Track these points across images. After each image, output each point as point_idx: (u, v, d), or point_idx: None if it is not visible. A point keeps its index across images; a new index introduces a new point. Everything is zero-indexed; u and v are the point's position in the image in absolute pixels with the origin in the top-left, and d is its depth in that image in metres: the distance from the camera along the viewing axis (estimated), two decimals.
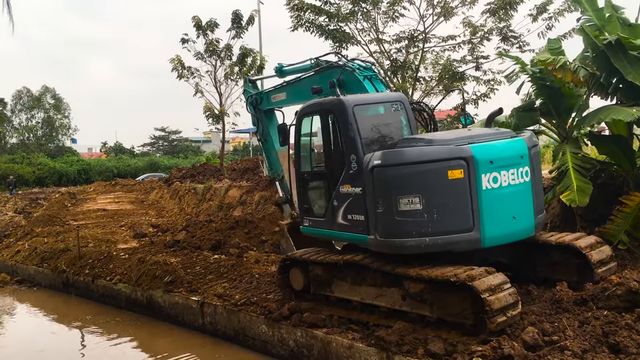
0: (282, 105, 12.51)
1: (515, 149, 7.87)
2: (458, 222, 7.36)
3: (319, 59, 11.19)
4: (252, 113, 13.28)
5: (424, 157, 7.38)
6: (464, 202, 7.33)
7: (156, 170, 58.90)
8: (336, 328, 8.27)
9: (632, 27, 10.50)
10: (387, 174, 7.52)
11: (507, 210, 7.65)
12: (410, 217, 7.36)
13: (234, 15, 26.14)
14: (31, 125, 71.33)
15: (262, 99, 12.88)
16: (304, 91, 11.06)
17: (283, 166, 13.01)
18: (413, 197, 7.33)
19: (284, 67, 13.02)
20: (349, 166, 8.18)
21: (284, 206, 13.00)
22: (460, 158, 7.33)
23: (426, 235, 7.33)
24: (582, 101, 11.17)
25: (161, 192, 28.77)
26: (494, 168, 7.47)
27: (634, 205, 9.57)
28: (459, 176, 7.30)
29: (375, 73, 10.00)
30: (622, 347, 6.19)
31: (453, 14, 19.18)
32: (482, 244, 7.45)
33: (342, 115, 8.31)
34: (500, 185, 7.54)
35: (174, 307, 11.58)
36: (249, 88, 13.58)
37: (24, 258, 17.84)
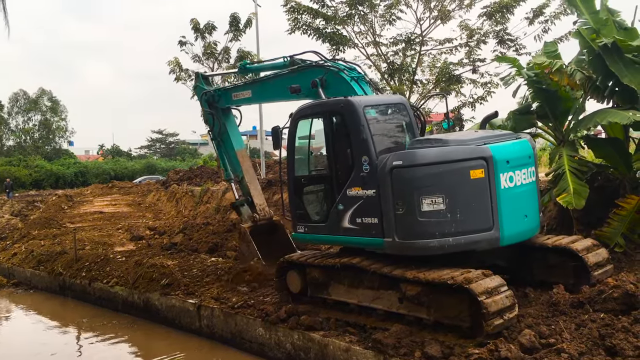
0: (245, 103, 12.08)
1: (524, 149, 8.08)
2: (479, 221, 7.42)
3: (293, 57, 10.76)
4: (207, 110, 12.67)
5: (447, 157, 7.41)
6: (484, 202, 7.40)
7: (153, 172, 58.83)
8: (333, 331, 8.25)
9: (628, 30, 10.53)
10: (409, 174, 7.46)
11: (521, 209, 7.81)
12: (433, 217, 7.35)
13: (232, 18, 26.20)
14: (28, 127, 71.14)
15: (220, 96, 12.34)
16: (276, 90, 10.78)
17: (243, 166, 12.59)
18: (436, 197, 7.33)
19: (248, 65, 12.59)
20: (359, 168, 8.02)
21: (242, 208, 12.67)
22: (481, 158, 7.40)
23: (449, 235, 7.35)
24: (579, 104, 11.20)
25: (158, 194, 28.74)
26: (510, 168, 7.61)
27: (630, 208, 9.59)
28: (480, 176, 7.38)
29: (362, 74, 9.76)
30: (618, 349, 6.20)
31: (450, 17, 19.21)
32: (501, 243, 7.54)
33: (352, 116, 8.15)
34: (515, 184, 7.69)
35: (170, 310, 11.56)
36: (201, 84, 12.93)
37: (20, 261, 17.79)
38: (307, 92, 9.82)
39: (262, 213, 12.55)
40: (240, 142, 12.95)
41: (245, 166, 12.66)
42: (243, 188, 12.71)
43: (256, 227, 12.32)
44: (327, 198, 8.78)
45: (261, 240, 12.09)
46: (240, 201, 12.76)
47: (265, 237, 12.30)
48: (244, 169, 12.61)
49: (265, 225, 12.51)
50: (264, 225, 12.48)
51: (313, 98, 9.73)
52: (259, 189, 12.93)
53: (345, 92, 9.04)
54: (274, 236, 12.56)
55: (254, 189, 12.68)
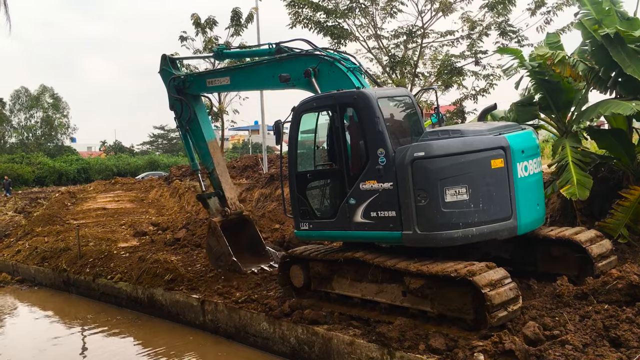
0: (220, 90, 11.62)
1: (533, 140, 8.21)
2: (500, 210, 7.48)
3: (280, 44, 10.41)
4: (175, 96, 11.97)
5: (469, 148, 7.43)
6: (504, 191, 7.48)
7: (156, 168, 58.90)
8: (337, 324, 8.27)
9: (630, 20, 10.47)
10: (432, 165, 7.41)
11: (534, 197, 7.94)
12: (457, 207, 7.36)
13: (233, 13, 26.15)
14: (30, 124, 71.27)
15: (192, 82, 11.79)
16: (260, 78, 10.49)
17: (214, 158, 12.09)
18: (460, 187, 7.34)
19: (225, 50, 12.13)
20: (374, 161, 7.91)
21: (209, 201, 12.24)
22: (500, 147, 7.47)
23: (473, 225, 7.37)
24: (581, 95, 11.16)
25: (161, 190, 28.77)
26: (524, 157, 7.72)
27: (634, 199, 9.57)
28: (500, 165, 7.44)
29: (357, 65, 9.55)
30: (622, 340, 6.20)
31: (451, 10, 19.11)
32: (518, 231, 7.61)
33: (366, 108, 8.01)
34: (529, 173, 7.80)
35: (174, 305, 11.58)
36: (168, 68, 12.23)
37: (24, 257, 17.85)
38: (296, 82, 9.57)
39: (233, 207, 12.22)
40: (210, 132, 12.44)
41: (216, 158, 12.19)
42: (213, 181, 12.27)
43: (226, 221, 12.01)
44: (335, 193, 8.64)
45: (231, 234, 11.87)
46: (208, 194, 12.33)
47: (235, 231, 12.09)
48: (215, 161, 12.14)
49: (235, 219, 12.22)
50: (233, 219, 12.17)
51: (302, 88, 9.57)
52: (230, 182, 12.54)
53: (340, 83, 8.91)
54: (243, 231, 12.34)
55: (225, 182, 12.28)
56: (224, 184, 12.27)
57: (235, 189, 12.69)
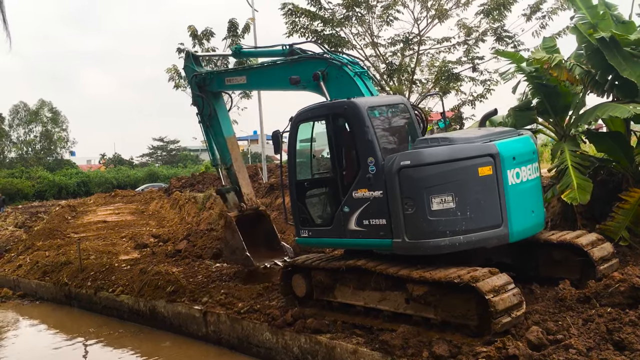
0: (238, 89, 11.80)
1: (528, 145, 8.13)
2: (489, 218, 7.45)
3: (293, 46, 10.56)
4: (197, 93, 12.23)
5: (455, 156, 7.42)
6: (493, 199, 7.44)
7: (155, 180, 58.88)
8: (340, 333, 8.26)
9: (625, 24, 10.52)
10: (417, 174, 7.45)
11: (528, 204, 7.87)
12: (443, 216, 7.36)
13: (230, 23, 26.20)
14: (29, 139, 71.31)
15: (212, 79, 11.98)
16: (273, 79, 10.60)
17: (232, 154, 12.28)
18: (446, 195, 7.35)
19: (243, 49, 12.28)
20: (365, 170, 8.00)
21: (228, 195, 12.38)
22: (488, 155, 7.43)
23: (460, 233, 7.36)
24: (579, 99, 11.19)
25: (161, 202, 28.73)
26: (516, 164, 7.66)
27: (634, 201, 9.58)
28: (488, 173, 7.41)
29: (365, 70, 9.65)
30: (626, 343, 6.19)
31: (447, 16, 19.18)
32: (510, 239, 7.56)
33: (356, 118, 8.12)
34: (522, 180, 7.73)
35: (177, 317, 11.56)
36: (191, 64, 12.41)
37: (25, 272, 17.81)
38: (306, 84, 9.64)
39: (249, 202, 12.37)
40: (229, 128, 12.64)
41: (234, 154, 12.37)
42: (231, 176, 12.44)
43: (242, 216, 12.12)
44: (331, 201, 8.75)
45: (247, 230, 11.94)
46: (227, 188, 12.45)
47: (251, 227, 12.16)
48: (232, 157, 12.32)
49: (252, 215, 12.33)
50: (250, 215, 12.29)
51: (312, 90, 9.67)
52: (246, 177, 12.67)
53: (347, 87, 8.99)
54: (259, 226, 12.43)
55: (242, 177, 12.43)
56: (241, 179, 12.44)
57: (251, 185, 12.87)
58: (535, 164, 8.14)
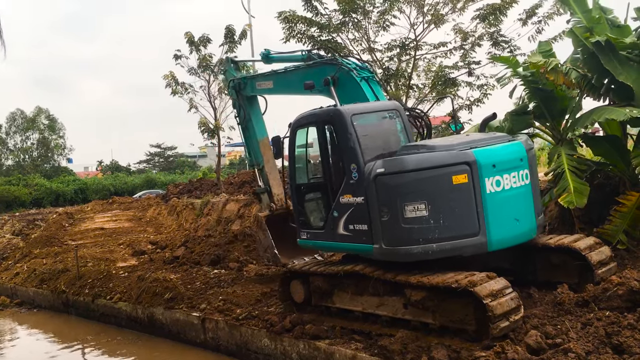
0: (266, 93, 12.13)
1: (514, 152, 7.99)
2: (464, 226, 7.40)
3: (311, 51, 10.91)
4: (234, 98, 12.84)
5: (428, 164, 7.42)
6: (469, 207, 7.38)
7: (153, 187, 58.70)
8: (339, 339, 8.25)
9: (620, 28, 10.58)
10: (391, 181, 7.51)
11: (511, 213, 7.74)
12: (416, 223, 7.37)
13: (227, 30, 26.24)
14: (26, 146, 71.07)
15: (246, 84, 12.40)
16: (293, 83, 10.89)
17: (264, 156, 12.67)
18: (419, 203, 7.35)
19: (271, 54, 12.63)
20: (349, 176, 8.14)
21: (262, 196, 12.83)
22: (463, 163, 7.39)
23: (433, 241, 7.35)
24: (575, 103, 11.22)
25: (159, 208, 28.68)
26: (496, 172, 7.55)
27: (631, 204, 9.60)
28: (463, 181, 7.35)
29: (373, 74, 9.82)
30: (625, 347, 6.19)
31: (443, 21, 19.23)
32: (489, 247, 7.50)
33: (340, 125, 8.27)
34: (503, 188, 7.62)
35: (175, 323, 11.53)
36: (230, 69, 13.03)
37: (23, 280, 17.75)
38: (320, 89, 9.87)
39: (279, 203, 12.71)
40: (263, 131, 13.02)
41: (266, 156, 12.75)
42: (263, 177, 12.87)
43: (274, 216, 12.46)
44: (324, 205, 8.89)
45: (278, 229, 12.20)
46: (261, 189, 12.90)
47: (282, 226, 12.33)
48: (265, 159, 12.74)
49: (282, 214, 12.61)
50: (281, 214, 12.58)
51: (325, 95, 9.87)
52: (278, 178, 13.00)
53: (354, 92, 9.20)
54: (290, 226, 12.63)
55: (273, 178, 12.82)
56: (272, 180, 12.83)
57: (282, 185, 13.13)
58: (524, 170, 7.93)
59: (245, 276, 13.11)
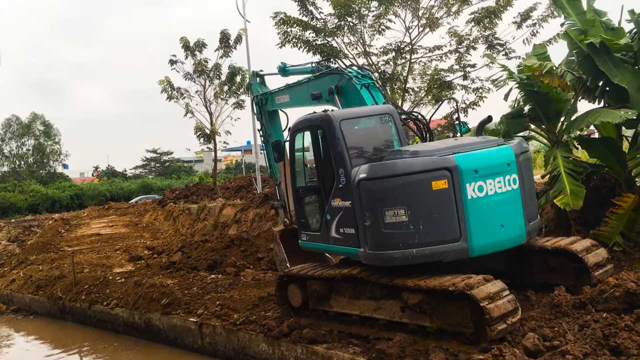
0: (285, 107, 12.29)
1: (501, 157, 7.84)
2: (444, 232, 7.39)
3: (319, 63, 11.09)
4: (257, 113, 13.01)
5: (408, 169, 7.43)
6: (449, 212, 7.36)
7: (149, 192, 58.59)
8: (336, 343, 8.23)
9: (615, 30, 10.61)
10: (373, 186, 7.58)
11: (495, 218, 7.64)
12: (396, 228, 7.41)
13: (222, 34, 26.27)
14: (22, 152, 70.93)
15: (267, 99, 12.58)
16: (304, 95, 11.03)
17: (280, 173, 12.74)
18: (398, 209, 7.40)
19: (287, 67, 12.77)
20: (338, 180, 8.27)
21: (279, 211, 13.00)
22: (443, 168, 7.38)
23: (413, 246, 7.38)
24: (570, 105, 11.25)
25: (155, 213, 28.66)
26: (478, 177, 7.49)
27: (627, 206, 9.62)
28: (443, 186, 7.35)
29: (373, 80, 9.94)
30: (622, 348, 6.19)
31: (438, 25, 19.31)
32: (471, 253, 7.46)
33: (329, 130, 8.38)
34: (486, 194, 7.55)
35: (172, 329, 11.50)
36: (256, 84, 13.15)
37: (19, 287, 17.69)
38: (327, 98, 10.03)
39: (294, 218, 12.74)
40: None
41: (282, 172, 12.65)
42: (280, 192, 12.98)
43: (287, 230, 12.51)
44: (319, 208, 8.97)
45: (291, 243, 12.27)
46: (279, 204, 13.05)
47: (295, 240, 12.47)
48: (281, 175, 12.73)
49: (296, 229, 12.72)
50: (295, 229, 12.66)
51: (332, 104, 9.98)
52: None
53: (355, 99, 9.34)
54: None
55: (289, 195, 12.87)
56: (289, 196, 12.71)
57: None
58: (510, 175, 7.77)
59: (242, 281, 13.08)
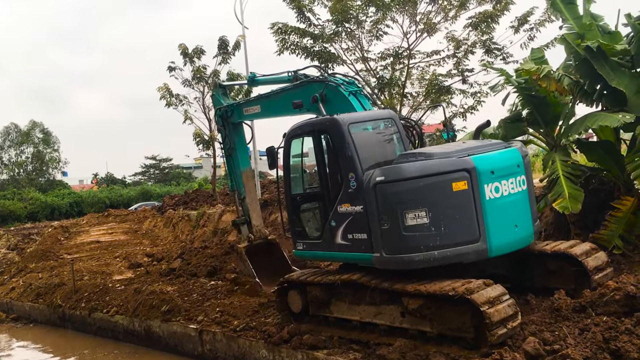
0: (255, 118, 12.19)
1: (511, 159, 8.04)
2: (465, 233, 7.41)
3: (297, 72, 10.96)
4: (220, 125, 12.72)
5: (428, 171, 7.43)
6: (469, 213, 7.40)
7: (148, 199, 58.55)
8: (337, 349, 8.22)
9: (611, 34, 10.66)
10: (391, 189, 7.50)
11: (509, 219, 7.77)
12: (417, 231, 7.36)
13: (220, 41, 26.29)
14: (21, 160, 70.93)
15: (233, 111, 12.34)
16: (281, 105, 10.88)
17: (246, 187, 12.77)
18: (419, 211, 7.35)
19: (256, 77, 12.65)
20: (347, 185, 8.13)
21: (242, 227, 12.98)
22: (463, 170, 7.41)
23: (434, 248, 7.35)
24: (568, 109, 11.28)
25: (154, 220, 28.61)
26: (495, 178, 7.59)
27: (626, 209, 9.64)
28: (463, 188, 7.37)
29: (360, 88, 9.87)
30: (623, 352, 6.19)
31: (436, 30, 19.34)
32: (489, 254, 7.51)
33: (337, 134, 8.28)
34: (502, 194, 7.66)
35: (172, 336, 11.47)
36: (218, 96, 12.89)
37: (19, 295, 17.66)
38: (309, 107, 9.94)
39: (258, 234, 12.96)
40: (246, 161, 13.18)
41: (248, 187, 12.89)
42: (244, 207, 12.97)
43: (252, 246, 12.66)
44: (321, 215, 8.87)
45: (259, 259, 12.44)
46: (241, 220, 13.02)
47: (263, 256, 12.68)
48: (246, 190, 12.86)
49: (262, 244, 12.93)
50: (260, 244, 12.89)
51: (314, 113, 9.87)
52: (258, 210, 13.26)
53: (342, 107, 9.18)
54: (271, 255, 12.94)
55: (254, 210, 13.01)
56: (252, 211, 13.05)
57: (261, 217, 13.58)
58: (520, 176, 7.98)
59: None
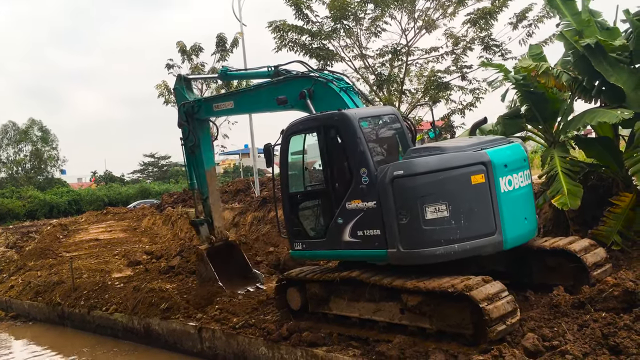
0: (226, 114, 11.89)
1: (519, 153, 8.16)
2: (483, 226, 7.46)
3: (278, 67, 10.70)
4: (184, 122, 12.09)
5: (447, 164, 7.44)
6: (486, 206, 7.45)
7: (147, 196, 58.48)
8: (336, 345, 8.22)
9: (610, 30, 10.64)
10: (411, 183, 7.46)
11: (520, 211, 7.88)
12: (438, 225, 7.36)
13: (218, 38, 26.30)
14: (19, 158, 70.86)
15: (200, 107, 11.84)
16: (260, 100, 10.61)
17: (210, 187, 12.41)
18: (440, 204, 7.35)
19: (229, 71, 12.37)
20: (358, 181, 8.01)
21: (201, 227, 12.66)
22: (480, 163, 7.45)
23: (455, 242, 7.36)
24: (567, 105, 11.28)
25: (153, 218, 28.59)
26: (508, 171, 7.68)
27: (625, 205, 9.64)
28: (480, 181, 7.42)
29: (350, 85, 9.70)
30: (622, 348, 6.21)
31: (435, 26, 19.35)
32: (504, 246, 7.57)
33: (348, 129, 8.15)
34: (514, 187, 7.75)
35: (171, 333, 11.48)
36: (182, 90, 12.24)
37: (18, 293, 17.65)
38: (293, 103, 9.68)
39: (219, 235, 12.73)
40: (211, 160, 12.71)
41: (211, 187, 12.54)
42: (206, 208, 12.66)
43: (213, 248, 12.48)
44: (325, 213, 8.73)
45: (219, 261, 12.30)
46: (200, 220, 12.72)
47: (224, 257, 12.53)
48: (210, 190, 12.50)
49: (222, 246, 12.73)
50: (220, 246, 12.68)
51: (300, 109, 9.66)
52: (220, 211, 12.98)
53: (334, 103, 8.98)
54: (231, 256, 12.82)
55: (216, 210, 12.69)
56: (214, 212, 12.69)
57: (223, 218, 13.36)
58: (526, 171, 8.17)
59: None
